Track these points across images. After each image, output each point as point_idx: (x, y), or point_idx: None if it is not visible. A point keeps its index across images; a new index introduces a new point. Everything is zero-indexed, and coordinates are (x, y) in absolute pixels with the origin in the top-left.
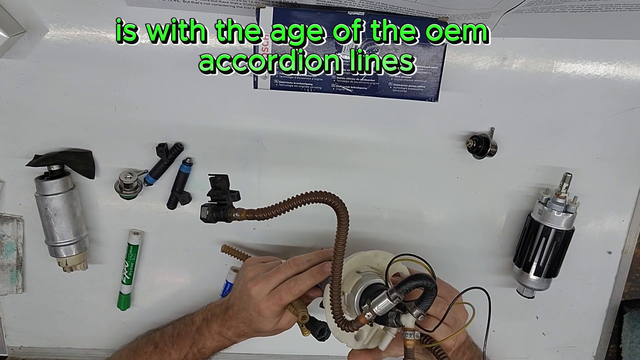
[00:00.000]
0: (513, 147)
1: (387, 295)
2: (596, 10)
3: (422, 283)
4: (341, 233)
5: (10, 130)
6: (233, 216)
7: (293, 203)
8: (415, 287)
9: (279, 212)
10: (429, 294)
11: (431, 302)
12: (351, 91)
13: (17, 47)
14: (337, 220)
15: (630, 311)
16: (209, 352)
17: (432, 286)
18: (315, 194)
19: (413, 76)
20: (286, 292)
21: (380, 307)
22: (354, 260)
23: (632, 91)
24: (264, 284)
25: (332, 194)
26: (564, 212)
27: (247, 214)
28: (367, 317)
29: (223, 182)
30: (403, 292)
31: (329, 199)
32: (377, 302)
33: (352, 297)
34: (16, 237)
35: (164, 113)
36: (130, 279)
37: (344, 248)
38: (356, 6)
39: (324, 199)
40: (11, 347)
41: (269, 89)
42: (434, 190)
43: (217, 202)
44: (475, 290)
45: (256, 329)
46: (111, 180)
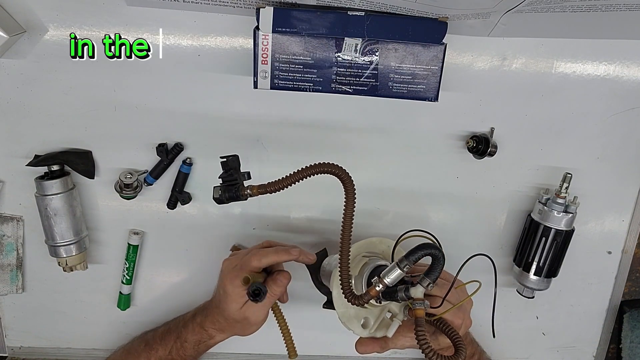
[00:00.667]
0: (513, 147)
1: (397, 265)
2: (596, 10)
3: (430, 252)
4: (349, 203)
5: (10, 130)
6: (245, 193)
7: (301, 174)
8: (424, 255)
9: (288, 183)
10: (437, 264)
11: (439, 272)
12: (351, 91)
13: (17, 47)
14: (344, 191)
15: (630, 311)
16: (190, 345)
17: (440, 255)
18: (322, 165)
19: (413, 76)
20: (245, 262)
21: (391, 277)
22: (360, 245)
23: (632, 91)
24: (231, 260)
25: (337, 165)
26: (564, 212)
27: (259, 189)
28: (378, 289)
29: (234, 161)
30: (412, 260)
31: (334, 170)
32: (387, 273)
33: (360, 278)
34: (16, 237)
35: (164, 113)
36: (130, 279)
37: (352, 218)
38: (356, 6)
39: (330, 169)
40: (11, 347)
41: (269, 89)
42: (434, 190)
43: (228, 183)
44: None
45: (225, 314)
46: (111, 180)
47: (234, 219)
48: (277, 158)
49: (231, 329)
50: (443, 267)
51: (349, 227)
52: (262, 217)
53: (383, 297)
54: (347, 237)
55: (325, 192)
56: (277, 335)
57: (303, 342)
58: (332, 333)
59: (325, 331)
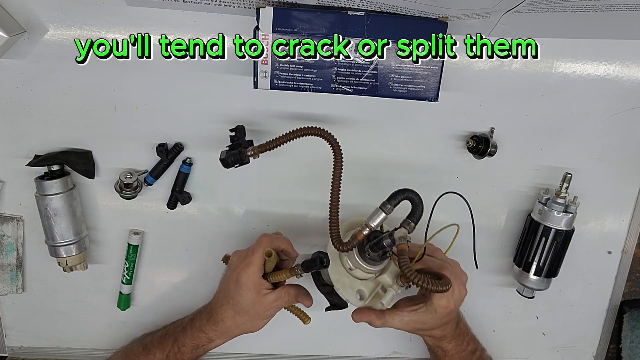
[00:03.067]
0: (513, 147)
1: (381, 209)
2: (596, 10)
3: (409, 196)
4: (337, 161)
5: (10, 130)
6: (247, 154)
7: (294, 134)
8: (403, 199)
9: (282, 141)
10: (416, 207)
11: (420, 214)
12: (351, 91)
13: (17, 47)
14: (333, 153)
15: (630, 311)
16: (187, 349)
17: (418, 199)
18: (312, 128)
19: (413, 76)
20: (257, 246)
21: (376, 220)
22: (353, 222)
23: (632, 91)
24: (241, 252)
25: (326, 130)
26: (564, 212)
27: (260, 149)
28: (365, 233)
29: (240, 131)
30: (393, 204)
31: (322, 133)
32: (371, 217)
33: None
34: (16, 237)
35: (164, 113)
36: (130, 279)
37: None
38: (356, 6)
39: (319, 133)
40: (11, 347)
41: (269, 89)
42: (434, 190)
43: (234, 147)
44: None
45: (239, 307)
46: (111, 180)
47: (234, 219)
48: (277, 158)
49: (240, 326)
50: (422, 209)
51: (338, 178)
52: (262, 217)
53: (371, 248)
54: (337, 184)
55: (325, 192)
56: (278, 336)
57: (303, 342)
58: (333, 333)
59: (326, 331)
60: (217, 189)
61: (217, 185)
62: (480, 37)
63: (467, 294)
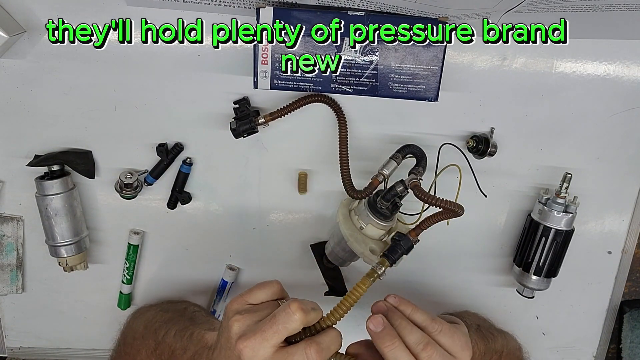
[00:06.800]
0: (513, 147)
1: (392, 159)
2: (596, 10)
3: (413, 150)
4: (341, 125)
5: (10, 130)
6: (258, 122)
7: (300, 103)
8: (410, 152)
9: (290, 110)
10: (421, 158)
11: (425, 164)
12: (351, 91)
13: (17, 47)
14: (337, 119)
15: (630, 311)
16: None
17: (422, 153)
18: (317, 95)
19: (413, 76)
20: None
21: (389, 169)
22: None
23: (632, 91)
24: (258, 341)
25: (330, 97)
26: (564, 212)
27: (271, 116)
28: (379, 180)
29: (245, 103)
30: (403, 154)
31: (326, 100)
32: (384, 166)
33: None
34: (16, 237)
35: (164, 113)
36: (130, 279)
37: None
38: (356, 6)
39: (324, 100)
40: (11, 347)
41: (269, 89)
42: (433, 191)
43: (243, 117)
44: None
45: None
46: (111, 180)
47: (234, 219)
48: (277, 158)
49: None
50: (427, 160)
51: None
52: (262, 216)
53: (383, 197)
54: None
55: (326, 192)
56: None
57: None
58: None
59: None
60: (217, 189)
61: (217, 185)
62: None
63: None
